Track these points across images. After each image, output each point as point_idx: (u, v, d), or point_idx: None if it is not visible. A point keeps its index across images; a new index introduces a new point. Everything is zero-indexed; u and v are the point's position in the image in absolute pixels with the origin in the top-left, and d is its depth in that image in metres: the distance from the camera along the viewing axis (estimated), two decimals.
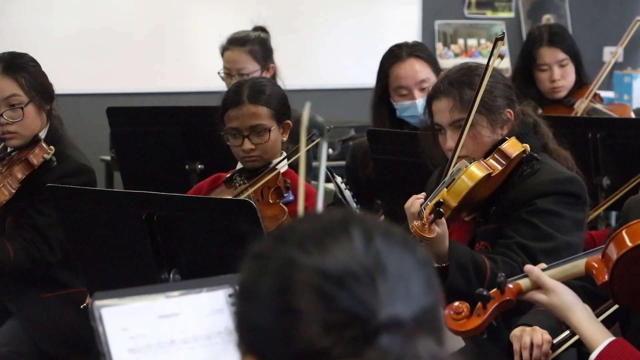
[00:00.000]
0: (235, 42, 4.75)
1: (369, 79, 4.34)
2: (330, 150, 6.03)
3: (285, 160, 3.33)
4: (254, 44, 4.74)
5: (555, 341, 2.62)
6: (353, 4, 7.35)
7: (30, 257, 3.42)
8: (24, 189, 3.44)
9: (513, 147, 2.95)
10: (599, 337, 2.39)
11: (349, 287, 1.15)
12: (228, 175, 3.42)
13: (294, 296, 1.16)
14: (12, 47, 3.67)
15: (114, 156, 5.70)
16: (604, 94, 5.92)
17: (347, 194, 2.76)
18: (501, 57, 2.95)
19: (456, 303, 2.49)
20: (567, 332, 2.61)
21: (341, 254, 1.17)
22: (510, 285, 2.48)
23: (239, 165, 3.44)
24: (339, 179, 2.77)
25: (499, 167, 2.92)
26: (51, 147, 3.50)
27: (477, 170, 2.88)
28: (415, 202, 2.83)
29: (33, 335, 3.43)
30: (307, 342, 1.14)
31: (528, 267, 2.49)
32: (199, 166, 4.26)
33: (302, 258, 1.17)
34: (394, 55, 4.03)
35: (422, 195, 2.86)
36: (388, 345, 1.14)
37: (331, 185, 3.84)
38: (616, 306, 2.60)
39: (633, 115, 5.04)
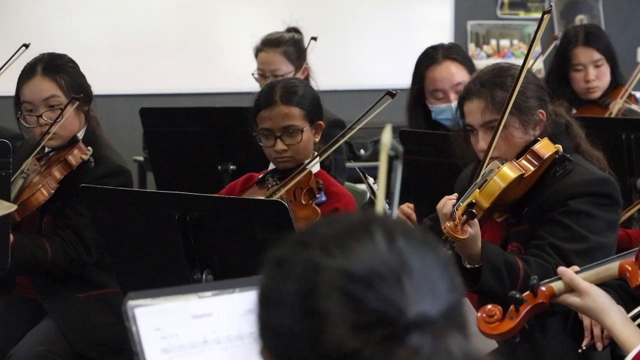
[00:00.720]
0: (269, 43, 4.76)
1: (401, 80, 4.34)
2: (362, 151, 6.03)
3: (318, 160, 3.33)
4: (287, 45, 4.75)
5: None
6: (385, 5, 7.34)
7: (67, 257, 3.44)
8: (61, 189, 3.46)
9: (545, 147, 2.94)
10: (634, 339, 2.37)
11: (375, 287, 1.16)
12: (260, 176, 3.42)
13: (320, 299, 1.16)
14: (46, 49, 3.70)
15: (146, 157, 5.73)
16: None
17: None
18: (547, 13, 2.91)
19: (489, 306, 2.49)
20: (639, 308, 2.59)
21: (365, 254, 1.18)
22: (543, 288, 2.46)
23: (271, 166, 3.44)
24: (371, 180, 2.77)
25: (532, 168, 2.91)
26: (89, 147, 3.52)
27: (509, 171, 2.87)
28: (447, 203, 2.82)
29: (67, 334, 3.45)
30: (336, 344, 1.14)
31: (561, 269, 2.48)
32: (231, 167, 4.27)
33: (326, 261, 1.17)
34: (430, 58, 4.02)
35: (454, 196, 2.86)
36: (419, 343, 1.14)
37: (363, 186, 3.84)
38: None
39: None
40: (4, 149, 3.17)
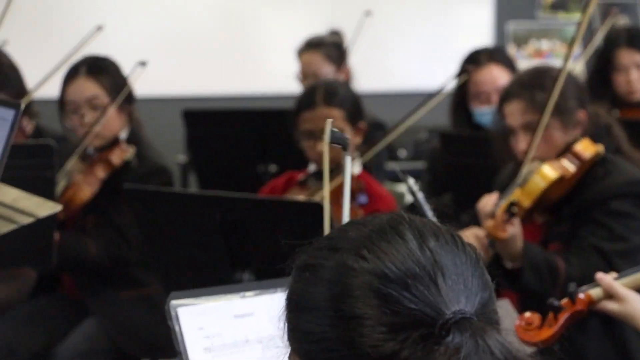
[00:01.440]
0: (311, 45, 4.79)
1: (441, 82, 4.34)
2: (405, 152, 6.03)
3: (359, 162, 3.34)
4: (329, 47, 4.77)
5: None
6: (425, 7, 7.33)
7: (110, 255, 3.47)
8: (104, 188, 3.50)
9: (586, 148, 2.93)
10: None
11: (410, 287, 1.15)
12: (302, 177, 3.44)
13: (355, 302, 1.15)
14: (93, 51, 3.75)
15: (189, 158, 5.77)
16: None
17: (420, 195, 2.76)
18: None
19: (527, 314, 2.48)
20: None
21: (398, 255, 1.17)
22: (582, 295, 2.45)
23: (311, 167, 3.46)
24: (411, 181, 2.77)
25: (573, 168, 2.91)
26: (131, 148, 3.55)
27: (550, 171, 2.87)
28: (488, 202, 2.82)
29: (111, 333, 3.48)
30: (373, 347, 1.14)
31: (599, 275, 2.46)
32: (273, 169, 4.29)
33: (358, 263, 1.17)
34: (474, 61, 4.01)
35: (495, 194, 2.86)
36: (459, 341, 1.14)
37: (402, 187, 3.85)
38: None
39: None
40: (49, 150, 3.21)
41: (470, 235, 2.79)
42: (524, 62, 7.37)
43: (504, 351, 1.16)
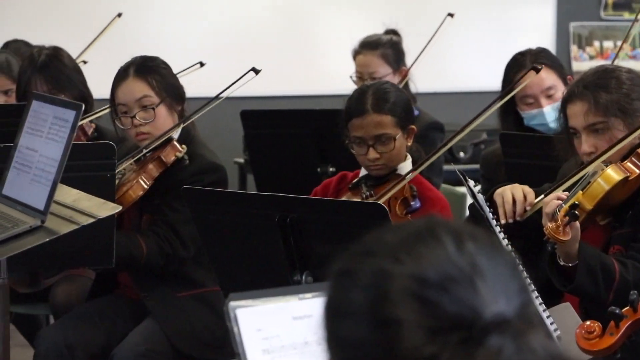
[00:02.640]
0: (368, 45, 4.77)
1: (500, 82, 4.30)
2: (462, 154, 6.00)
3: (414, 174, 3.31)
4: (386, 48, 4.75)
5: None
6: (486, 7, 7.28)
7: (163, 253, 3.49)
8: (158, 186, 3.52)
9: None
10: None
11: (449, 290, 1.15)
12: (354, 181, 3.42)
13: (393, 307, 1.15)
14: (146, 51, 3.77)
15: (247, 159, 5.78)
16: None
17: (480, 197, 2.74)
18: None
19: (587, 322, 2.45)
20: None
21: (436, 259, 1.17)
22: None
23: (363, 171, 3.44)
24: (471, 183, 2.75)
25: (637, 171, 2.87)
26: (183, 146, 3.57)
27: (613, 174, 2.84)
28: (552, 203, 2.80)
29: (168, 333, 3.49)
30: (413, 351, 1.14)
31: None
32: (331, 169, 4.29)
33: (396, 267, 1.17)
34: (518, 64, 3.96)
35: (564, 195, 2.83)
36: (499, 344, 1.14)
37: (463, 189, 3.82)
38: None
39: None
40: (109, 151, 3.23)
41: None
42: (587, 63, 7.30)
43: (548, 352, 1.15)
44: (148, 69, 3.62)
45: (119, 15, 5.13)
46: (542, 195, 2.93)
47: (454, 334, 1.13)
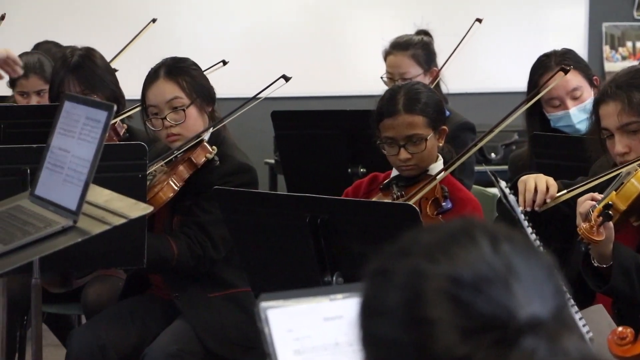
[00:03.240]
0: (398, 46, 4.76)
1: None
2: (493, 155, 5.98)
3: (445, 174, 3.31)
4: (416, 48, 4.74)
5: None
6: (518, 7, 7.26)
7: (194, 254, 3.50)
8: (189, 188, 3.53)
9: None
10: None
11: (484, 291, 1.15)
12: (385, 182, 3.42)
13: (427, 306, 1.16)
14: (177, 52, 3.78)
15: (277, 159, 5.79)
16: None
17: (512, 198, 2.73)
18: None
19: (619, 328, 2.43)
20: None
21: (471, 260, 1.17)
22: None
23: (394, 172, 3.44)
24: (502, 184, 2.74)
25: None
26: (213, 147, 3.57)
27: None
28: (585, 203, 2.78)
29: (200, 334, 3.50)
30: (446, 351, 1.14)
31: None
32: (362, 169, 4.28)
33: (431, 268, 1.17)
34: (543, 66, 3.94)
35: (598, 196, 2.81)
36: (533, 345, 1.14)
37: (494, 190, 3.80)
38: None
39: None
40: (141, 152, 3.24)
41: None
42: (619, 64, 7.25)
43: (581, 354, 1.14)
44: (178, 70, 3.63)
45: (154, 20, 5.13)
46: (565, 191, 2.93)
47: (487, 334, 1.14)
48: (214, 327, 3.52)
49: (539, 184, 2.94)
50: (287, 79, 3.76)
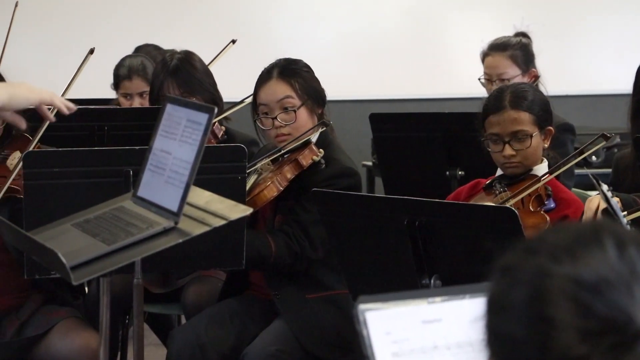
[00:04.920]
0: (496, 47, 4.73)
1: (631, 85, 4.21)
2: (594, 158, 5.89)
3: (549, 170, 3.28)
4: (515, 49, 4.71)
5: None
6: (620, 8, 7.14)
7: (291, 252, 3.52)
8: (293, 188, 3.55)
9: None
10: None
11: (604, 294, 1.15)
12: (488, 182, 3.41)
13: (548, 305, 1.16)
14: (281, 54, 3.81)
15: (375, 162, 5.79)
16: None
17: (614, 202, 2.69)
18: None
19: None
20: None
21: (594, 262, 1.17)
22: None
23: (499, 172, 3.42)
24: (604, 187, 2.70)
25: None
26: (320, 150, 3.59)
27: None
28: None
29: (298, 335, 3.52)
30: (563, 350, 1.15)
31: None
32: (460, 172, 4.26)
33: (555, 267, 1.18)
34: None
35: None
36: None
37: (594, 193, 3.75)
38: None
39: None
40: (240, 154, 3.28)
41: None
42: None
43: None
44: (291, 71, 3.67)
45: (233, 42, 5.02)
46: None
47: (605, 337, 1.14)
48: (312, 329, 3.54)
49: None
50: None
